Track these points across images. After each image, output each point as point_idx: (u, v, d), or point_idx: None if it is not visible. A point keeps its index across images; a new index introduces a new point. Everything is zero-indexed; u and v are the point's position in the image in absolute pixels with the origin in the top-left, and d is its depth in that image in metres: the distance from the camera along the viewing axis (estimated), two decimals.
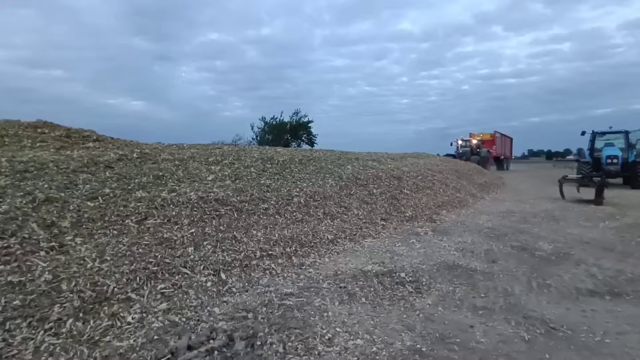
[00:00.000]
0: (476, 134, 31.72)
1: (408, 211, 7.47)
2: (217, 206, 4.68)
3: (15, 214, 3.31)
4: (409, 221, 7.01)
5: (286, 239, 4.65)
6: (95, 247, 3.36)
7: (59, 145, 5.77)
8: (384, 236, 5.87)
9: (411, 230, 6.34)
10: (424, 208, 7.97)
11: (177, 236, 3.87)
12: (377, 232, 6.02)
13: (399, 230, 6.35)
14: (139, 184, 4.56)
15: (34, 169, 4.17)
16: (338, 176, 7.66)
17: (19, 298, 2.57)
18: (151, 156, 5.61)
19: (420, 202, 8.25)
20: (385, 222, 6.56)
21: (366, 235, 5.75)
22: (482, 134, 32.17)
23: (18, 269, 2.84)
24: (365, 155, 11.16)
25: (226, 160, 6.40)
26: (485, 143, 30.58)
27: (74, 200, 3.79)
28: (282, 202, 5.58)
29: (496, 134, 32.45)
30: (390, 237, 5.86)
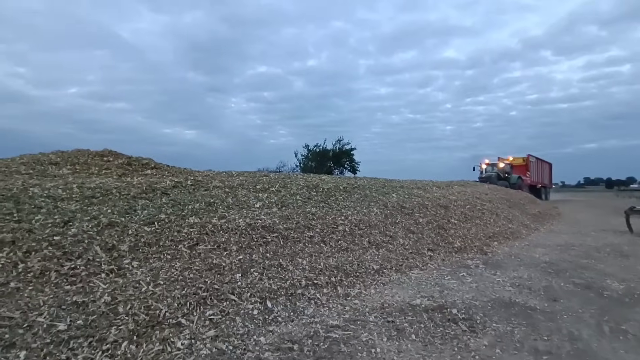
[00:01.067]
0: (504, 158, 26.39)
1: (456, 242, 7.16)
2: (264, 233, 4.76)
3: (82, 237, 3.56)
4: (457, 252, 6.71)
5: (331, 268, 4.60)
6: (150, 270, 3.51)
7: (121, 172, 6.21)
8: (432, 268, 5.64)
9: (460, 263, 6.05)
10: (474, 239, 7.61)
11: (226, 262, 3.96)
12: (424, 263, 5.80)
13: (448, 261, 6.08)
14: (192, 210, 4.77)
15: (100, 195, 4.50)
16: (383, 204, 7.55)
17: (81, 318, 2.72)
18: (203, 183, 5.87)
19: (469, 233, 7.89)
20: (433, 253, 6.32)
21: (413, 266, 5.56)
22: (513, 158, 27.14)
23: (82, 289, 3.02)
24: (410, 183, 10.96)
25: (273, 187, 6.55)
26: (517, 168, 26.07)
27: (133, 225, 4.02)
28: (327, 230, 5.57)
29: (530, 157, 27.44)
30: (439, 269, 5.62)
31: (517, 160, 27.17)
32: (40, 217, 3.65)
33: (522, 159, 27.25)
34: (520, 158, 27.34)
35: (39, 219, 3.62)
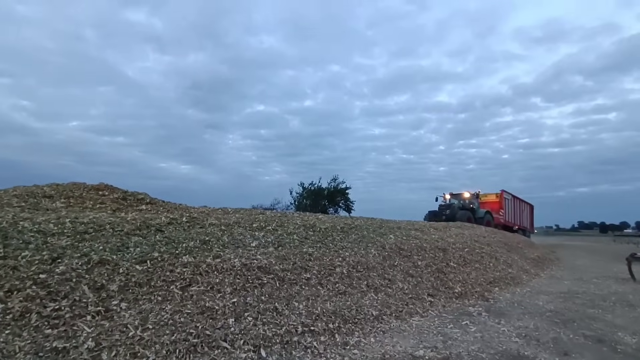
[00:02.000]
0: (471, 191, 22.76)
1: (457, 287, 6.96)
2: (259, 274, 4.59)
3: (70, 275, 3.39)
4: (458, 298, 6.50)
5: (329, 313, 4.40)
6: (138, 313, 3.32)
7: (116, 207, 6.08)
8: (433, 315, 5.43)
9: (462, 309, 5.84)
10: (474, 284, 7.41)
11: (219, 305, 3.77)
12: (425, 309, 5.59)
13: (449, 308, 5.87)
14: (186, 248, 4.62)
15: (93, 231, 4.36)
16: (381, 246, 7.41)
17: None
18: (199, 220, 5.75)
19: (469, 277, 7.70)
20: (433, 298, 6.12)
21: (413, 312, 5.34)
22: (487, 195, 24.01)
23: (65, 333, 2.83)
24: (407, 224, 10.84)
25: (270, 226, 6.42)
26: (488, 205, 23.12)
27: (124, 264, 3.86)
28: (324, 271, 5.40)
29: (504, 194, 23.73)
30: (440, 316, 5.41)
31: (489, 196, 24.10)
32: (27, 254, 3.49)
33: (494, 195, 23.95)
34: (492, 194, 24.12)
35: (26, 255, 3.46)
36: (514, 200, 25.47)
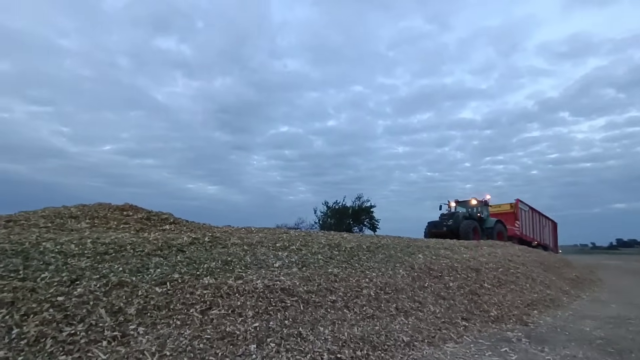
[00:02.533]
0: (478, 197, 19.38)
1: (492, 310, 6.50)
2: (283, 296, 4.36)
3: (87, 298, 3.28)
4: (494, 322, 6.04)
5: (356, 340, 4.11)
6: (156, 338, 3.16)
7: (139, 227, 6.05)
8: (468, 341, 5.03)
9: (500, 335, 5.40)
10: (511, 307, 6.91)
11: (240, 330, 3.56)
12: (459, 334, 5.19)
13: (485, 333, 5.44)
14: (207, 269, 4.47)
15: (113, 251, 4.29)
16: (409, 266, 7.05)
17: None
18: (221, 240, 5.62)
19: (505, 300, 7.20)
20: (467, 323, 5.70)
21: (447, 338, 4.96)
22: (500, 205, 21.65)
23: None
24: (435, 243, 10.39)
25: (293, 245, 6.22)
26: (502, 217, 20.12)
27: (143, 285, 3.73)
28: (350, 294, 5.12)
29: (519, 203, 20.98)
30: (476, 342, 5.00)
31: (504, 206, 21.66)
32: (46, 275, 3.42)
33: (509, 205, 21.38)
34: (506, 204, 21.66)
35: (45, 277, 3.39)
36: (533, 213, 22.48)
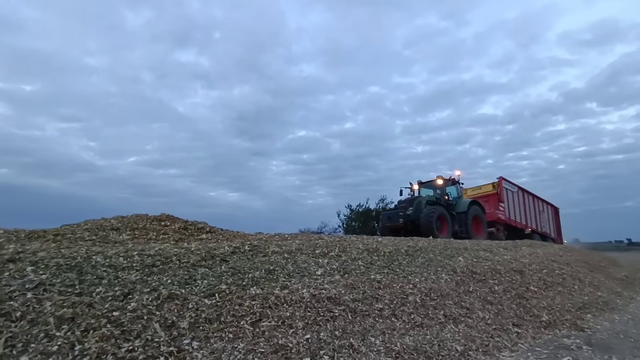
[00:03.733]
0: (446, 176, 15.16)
1: (543, 314, 6.18)
2: (330, 306, 4.25)
3: (141, 313, 3.27)
4: (547, 328, 5.74)
5: (409, 350, 3.95)
6: (211, 353, 3.11)
7: (178, 237, 6.09)
8: (524, 348, 4.77)
9: (556, 341, 5.12)
10: (562, 311, 6.56)
11: (293, 342, 3.47)
12: (513, 342, 4.94)
13: (540, 340, 5.17)
14: (252, 279, 4.41)
15: (160, 263, 4.29)
16: (451, 270, 6.81)
17: None
18: (261, 248, 5.57)
19: (554, 303, 6.85)
20: (519, 329, 5.43)
21: (501, 346, 4.72)
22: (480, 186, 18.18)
23: None
24: (473, 245, 10.05)
25: (332, 252, 6.11)
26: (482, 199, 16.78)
27: (193, 298, 3.70)
28: (396, 301, 4.96)
29: (503, 182, 17.18)
30: (532, 350, 4.74)
31: (485, 187, 17.93)
32: (101, 290, 3.43)
33: (491, 185, 17.60)
34: (488, 184, 17.81)
35: (100, 292, 3.40)
36: (524, 195, 18.68)
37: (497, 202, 16.96)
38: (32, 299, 3.02)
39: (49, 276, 3.45)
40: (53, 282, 3.36)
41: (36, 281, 3.28)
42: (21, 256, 3.81)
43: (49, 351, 2.61)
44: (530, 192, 19.32)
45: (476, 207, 14.56)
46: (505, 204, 16.94)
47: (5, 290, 3.04)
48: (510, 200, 17.51)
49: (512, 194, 17.81)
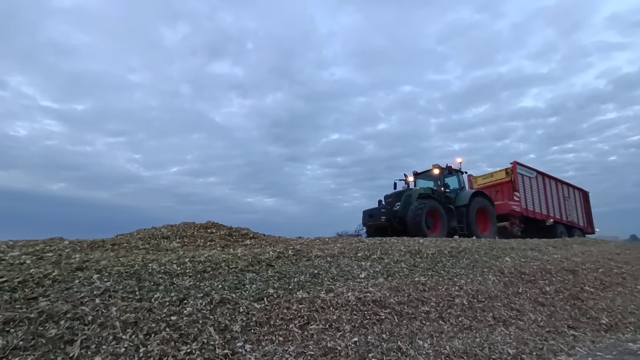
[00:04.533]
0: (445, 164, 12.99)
1: (602, 317, 5.85)
2: (376, 309, 4.27)
3: (197, 317, 3.44)
4: (608, 331, 5.44)
5: (459, 353, 3.88)
6: (263, 355, 3.22)
7: (224, 243, 6.32)
8: (583, 353, 4.55)
9: (621, 346, 4.84)
10: (624, 313, 6.18)
11: (341, 345, 3.52)
12: (570, 345, 4.72)
13: (601, 344, 4.90)
14: (298, 283, 4.52)
15: (210, 269, 4.49)
16: (498, 270, 6.60)
17: None
18: (304, 253, 5.68)
19: (614, 305, 6.46)
20: (576, 332, 5.18)
21: (556, 350, 4.53)
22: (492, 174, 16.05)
23: None
24: (520, 244, 9.66)
25: (374, 255, 6.11)
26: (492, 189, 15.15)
27: (243, 302, 3.85)
28: (443, 303, 4.88)
29: (517, 167, 14.92)
30: (593, 354, 4.51)
31: (497, 174, 15.68)
32: (159, 295, 3.65)
33: (504, 172, 15.35)
34: (501, 171, 15.55)
35: (158, 297, 3.62)
36: (544, 180, 16.07)
37: (511, 191, 14.86)
38: (100, 304, 3.26)
39: (112, 283, 3.71)
40: (116, 289, 3.61)
41: (102, 288, 3.54)
42: (87, 265, 4.12)
43: (118, 352, 2.81)
44: (553, 176, 17.04)
45: (481, 198, 12.65)
46: (521, 193, 14.70)
47: (77, 296, 3.31)
48: (528, 187, 15.19)
49: (530, 181, 15.43)
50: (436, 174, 12.85)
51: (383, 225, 11.79)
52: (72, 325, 2.94)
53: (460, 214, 11.93)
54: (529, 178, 15.39)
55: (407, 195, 11.77)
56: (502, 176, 15.45)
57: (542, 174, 16.15)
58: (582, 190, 18.63)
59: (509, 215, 13.78)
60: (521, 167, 15.18)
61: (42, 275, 3.65)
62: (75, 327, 2.94)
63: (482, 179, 16.31)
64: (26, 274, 3.64)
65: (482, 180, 16.24)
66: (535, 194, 15.40)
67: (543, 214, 15.40)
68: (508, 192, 14.91)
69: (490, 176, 16.07)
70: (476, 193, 12.80)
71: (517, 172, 14.80)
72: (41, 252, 4.61)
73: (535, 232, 14.54)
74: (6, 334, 2.70)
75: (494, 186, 15.48)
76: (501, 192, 15.10)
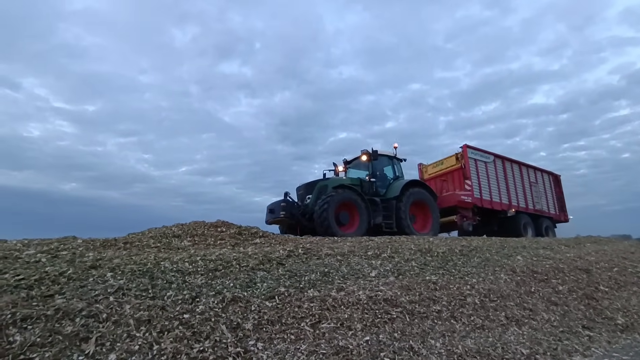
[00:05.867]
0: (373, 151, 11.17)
1: (618, 317, 5.76)
2: (387, 308, 4.25)
3: (209, 315, 3.46)
4: (624, 332, 5.35)
5: (472, 353, 3.85)
6: (275, 354, 3.22)
7: (234, 242, 6.35)
8: (599, 354, 4.48)
9: (636, 346, 4.78)
10: None
11: (353, 344, 3.51)
12: (585, 346, 4.65)
13: (617, 345, 4.83)
14: (308, 281, 4.52)
15: (222, 267, 4.52)
16: (510, 269, 6.53)
17: None
18: (314, 251, 5.68)
19: (630, 305, 6.35)
20: (591, 332, 5.10)
21: (571, 350, 4.46)
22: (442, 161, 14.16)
23: None
24: (532, 242, 9.55)
25: (384, 253, 6.09)
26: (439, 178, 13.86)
27: (255, 300, 3.86)
28: (454, 302, 4.85)
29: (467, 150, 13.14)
30: (609, 355, 4.45)
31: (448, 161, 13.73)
32: (171, 293, 3.68)
33: (454, 157, 13.40)
34: (451, 157, 13.56)
35: (170, 295, 3.65)
36: (504, 164, 14.38)
37: (459, 180, 13.11)
38: (114, 302, 3.30)
39: (125, 281, 3.75)
40: (129, 287, 3.65)
41: (116, 286, 3.58)
42: (100, 263, 4.17)
43: (132, 350, 2.84)
44: (515, 159, 15.20)
45: (418, 189, 10.99)
46: (475, 181, 12.93)
47: (92, 293, 3.36)
48: (483, 174, 13.38)
49: (486, 166, 13.62)
50: (363, 160, 11.30)
51: (287, 222, 10.13)
52: (87, 323, 2.99)
53: (388, 208, 10.24)
54: (484, 163, 13.63)
55: (322, 186, 10.05)
56: (452, 163, 13.53)
57: (501, 158, 14.47)
58: (552, 174, 16.87)
59: (458, 208, 12.19)
60: (473, 150, 13.37)
61: (57, 273, 3.71)
62: (90, 324, 2.98)
63: (432, 168, 14.58)
64: (42, 272, 3.69)
65: (432, 169, 14.50)
66: (493, 181, 13.68)
67: (503, 203, 13.72)
68: (459, 180, 13.13)
69: (441, 164, 14.18)
70: (411, 183, 11.08)
71: (468, 157, 13.01)
72: (56, 251, 4.68)
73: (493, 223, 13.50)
74: (24, 331, 2.75)
75: (444, 175, 13.87)
76: (452, 181, 13.48)
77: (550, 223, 15.57)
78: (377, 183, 10.99)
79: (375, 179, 10.96)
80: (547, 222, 15.24)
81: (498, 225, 13.50)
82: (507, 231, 12.81)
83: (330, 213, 9.06)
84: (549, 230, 15.13)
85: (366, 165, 11.32)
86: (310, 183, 10.53)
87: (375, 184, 10.90)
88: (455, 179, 13.33)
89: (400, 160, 11.98)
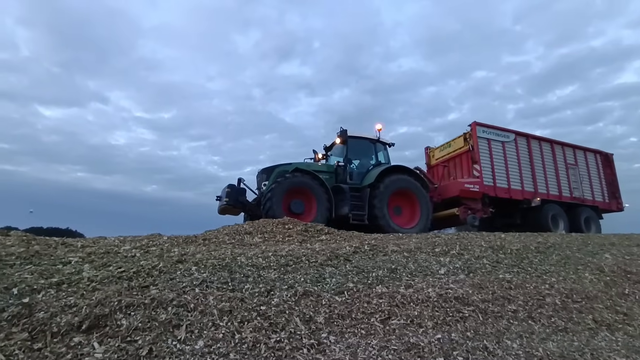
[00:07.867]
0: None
1: None
2: (458, 306, 4.15)
3: (283, 307, 3.66)
4: None
5: (554, 357, 3.61)
6: (347, 347, 3.32)
7: (301, 238, 6.58)
8: None
9: None
10: None
11: (424, 342, 3.49)
12: None
13: None
14: (376, 277, 4.57)
15: (292, 263, 4.74)
16: (597, 268, 5.97)
17: None
18: (380, 248, 5.70)
19: None
20: None
21: None
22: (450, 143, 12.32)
23: None
24: (623, 240, 8.60)
25: (453, 250, 5.91)
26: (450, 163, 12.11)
27: (325, 295, 4.00)
28: (532, 303, 4.58)
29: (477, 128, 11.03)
30: None
31: (456, 143, 11.82)
32: (249, 286, 3.95)
33: (461, 138, 11.57)
34: (459, 138, 11.67)
35: (248, 288, 3.91)
36: (528, 143, 11.94)
37: (466, 164, 11.32)
38: (200, 293, 3.63)
39: (208, 275, 4.10)
40: (212, 280, 3.98)
41: (200, 279, 3.93)
42: (185, 258, 4.60)
43: (217, 337, 3.12)
44: (546, 137, 12.49)
45: (403, 177, 9.65)
46: (487, 165, 10.94)
47: (180, 285, 3.73)
48: (499, 157, 11.27)
49: (503, 146, 11.42)
50: (338, 143, 10.32)
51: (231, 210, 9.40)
52: (177, 312, 3.33)
53: (360, 198, 9.19)
54: (500, 143, 11.44)
55: (280, 171, 9.20)
56: (460, 145, 11.64)
57: (525, 136, 12.16)
58: (601, 153, 13.84)
59: (462, 199, 10.35)
60: (485, 128, 11.34)
61: (150, 267, 4.17)
62: (180, 313, 3.32)
63: (439, 151, 12.82)
64: (138, 265, 4.18)
65: (439, 153, 12.76)
66: (512, 164, 11.52)
67: (526, 191, 11.50)
68: (467, 165, 11.33)
69: (448, 146, 12.34)
70: (392, 169, 9.74)
71: (478, 137, 11.01)
72: (146, 247, 5.23)
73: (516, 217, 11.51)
74: (128, 316, 3.15)
75: (452, 159, 12.09)
76: (459, 165, 11.68)
77: (594, 213, 12.85)
78: (351, 169, 10.00)
79: (349, 165, 9.96)
80: (587, 213, 12.60)
81: (521, 218, 11.65)
82: (530, 225, 10.87)
83: (277, 200, 8.45)
84: (590, 222, 12.48)
85: (342, 149, 10.35)
86: (269, 167, 9.77)
87: (347, 169, 9.81)
88: (464, 163, 11.64)
89: (386, 144, 10.79)
